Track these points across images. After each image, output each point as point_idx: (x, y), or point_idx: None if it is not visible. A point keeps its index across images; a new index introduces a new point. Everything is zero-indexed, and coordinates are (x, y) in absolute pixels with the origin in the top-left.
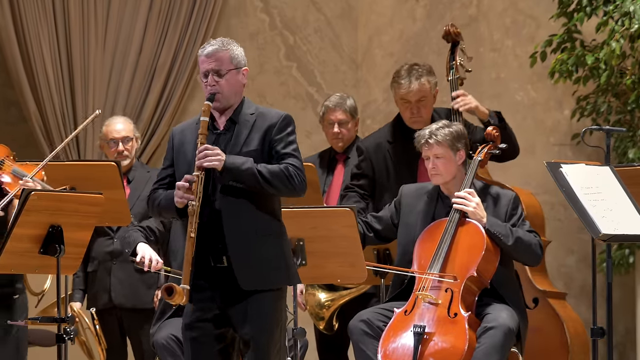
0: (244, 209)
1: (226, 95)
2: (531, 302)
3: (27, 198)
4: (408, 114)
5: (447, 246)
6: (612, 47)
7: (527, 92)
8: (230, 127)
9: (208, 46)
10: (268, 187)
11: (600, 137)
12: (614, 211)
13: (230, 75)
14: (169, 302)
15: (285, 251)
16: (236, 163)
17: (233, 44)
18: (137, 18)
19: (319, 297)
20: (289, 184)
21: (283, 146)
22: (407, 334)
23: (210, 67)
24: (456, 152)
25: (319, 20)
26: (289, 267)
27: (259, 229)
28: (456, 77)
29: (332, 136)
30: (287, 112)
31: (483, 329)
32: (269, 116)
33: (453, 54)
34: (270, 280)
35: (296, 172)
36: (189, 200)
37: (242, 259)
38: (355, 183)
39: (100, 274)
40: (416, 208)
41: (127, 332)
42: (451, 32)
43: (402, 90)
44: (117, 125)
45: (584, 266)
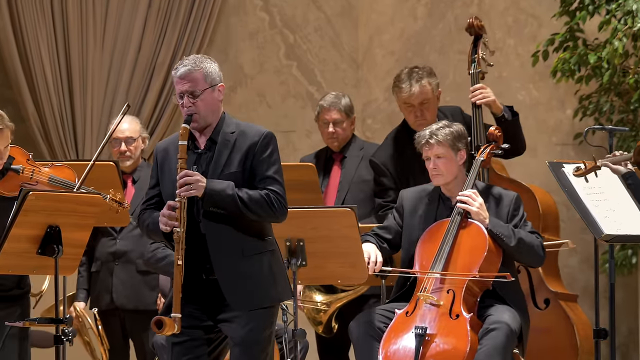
0: (229, 230)
1: (203, 115)
2: (542, 303)
3: (25, 198)
4: (412, 118)
5: (449, 247)
6: (614, 46)
7: (529, 91)
8: (210, 146)
9: (181, 67)
10: (248, 213)
11: (603, 136)
12: (617, 211)
13: (205, 95)
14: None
15: (274, 268)
16: (216, 189)
17: (206, 61)
18: (135, 16)
19: (315, 299)
20: (269, 211)
21: (265, 168)
22: (409, 335)
23: (185, 88)
24: (457, 152)
25: (319, 18)
26: (277, 284)
27: (245, 249)
28: (477, 71)
29: (328, 136)
30: (268, 130)
31: (485, 330)
32: (250, 135)
33: (475, 47)
34: (259, 299)
35: (277, 198)
36: (174, 227)
37: (229, 280)
38: (387, 200)
39: (102, 275)
40: (418, 211)
41: (129, 333)
42: (474, 25)
43: (404, 94)
44: (123, 124)
45: (586, 267)
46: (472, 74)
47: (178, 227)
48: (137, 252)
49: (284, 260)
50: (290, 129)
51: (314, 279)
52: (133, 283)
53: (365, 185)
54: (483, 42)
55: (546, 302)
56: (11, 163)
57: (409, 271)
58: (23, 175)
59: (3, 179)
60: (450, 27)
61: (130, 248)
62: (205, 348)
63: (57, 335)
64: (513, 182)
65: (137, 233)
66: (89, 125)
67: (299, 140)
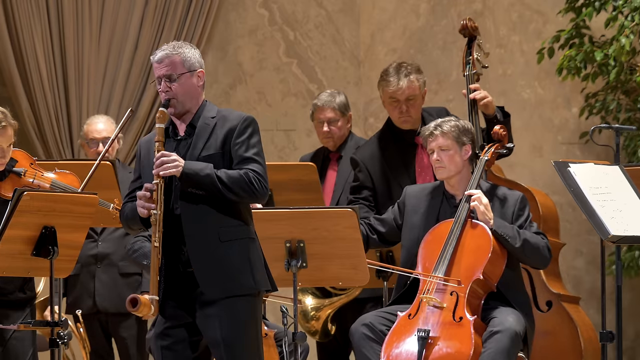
0: (205, 215)
1: (181, 100)
2: (544, 305)
3: (20, 198)
4: (397, 114)
5: (452, 248)
6: (621, 43)
7: (534, 89)
8: (190, 132)
9: (159, 52)
10: (228, 193)
11: (610, 135)
12: (624, 212)
13: (183, 79)
14: (135, 314)
15: (251, 256)
16: (194, 169)
17: (186, 46)
18: (132, 13)
19: (306, 304)
20: (249, 190)
21: (244, 150)
22: (411, 338)
23: (162, 72)
24: (462, 146)
25: (320, 15)
26: (255, 272)
27: (222, 235)
28: (473, 73)
29: (323, 135)
30: (249, 114)
31: (489, 333)
32: (230, 118)
33: (470, 49)
34: (235, 286)
35: (256, 177)
36: (150, 209)
37: (204, 266)
38: (358, 196)
39: (83, 278)
40: (420, 209)
41: (113, 336)
42: (468, 27)
43: (391, 88)
44: (98, 124)
45: (592, 268)
46: (467, 76)
47: (155, 209)
48: (119, 255)
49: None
50: (290, 128)
51: (315, 281)
52: (115, 286)
53: None
54: (477, 44)
55: (548, 304)
56: (14, 165)
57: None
58: (24, 179)
59: (4, 181)
60: (453, 23)
61: (112, 250)
62: (190, 353)
63: (52, 338)
64: (511, 183)
65: (119, 235)
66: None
67: (299, 139)
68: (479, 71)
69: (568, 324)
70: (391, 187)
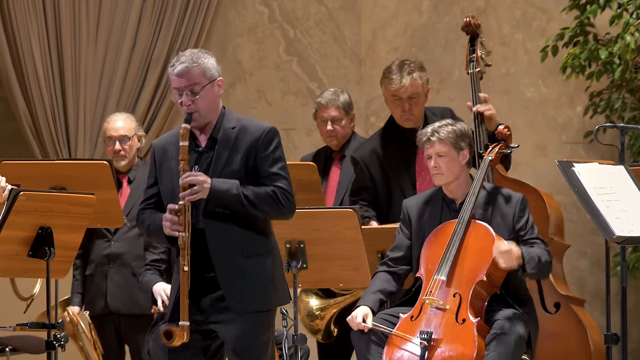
0: (229, 230)
1: (203, 114)
2: (552, 307)
3: (16, 198)
4: (399, 112)
5: (455, 249)
6: (626, 41)
7: (537, 88)
8: (211, 145)
9: (177, 64)
10: (255, 212)
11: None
12: (629, 212)
13: (205, 92)
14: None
15: (275, 271)
16: (222, 189)
17: (203, 56)
18: (130, 10)
19: (311, 305)
20: (277, 208)
21: (269, 165)
22: (414, 340)
23: (183, 85)
24: (459, 151)
25: (321, 12)
26: (276, 288)
27: (246, 251)
28: (477, 71)
29: (326, 134)
30: (270, 125)
31: (492, 335)
32: (251, 130)
33: (473, 47)
34: (258, 302)
35: (284, 195)
36: (179, 231)
37: (229, 279)
38: (357, 198)
39: (96, 278)
40: (424, 215)
41: (125, 338)
42: (471, 24)
43: (394, 85)
44: (117, 122)
45: (597, 270)
46: (471, 74)
47: (183, 231)
48: (132, 255)
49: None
50: (290, 127)
51: (315, 283)
52: (128, 286)
53: None
54: (480, 42)
55: (556, 306)
56: None
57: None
58: None
59: None
60: (456, 21)
61: (125, 250)
62: (202, 357)
63: (48, 340)
64: (518, 183)
65: (132, 235)
66: (81, 123)
67: (299, 139)
68: (483, 69)
69: (577, 326)
70: (390, 186)
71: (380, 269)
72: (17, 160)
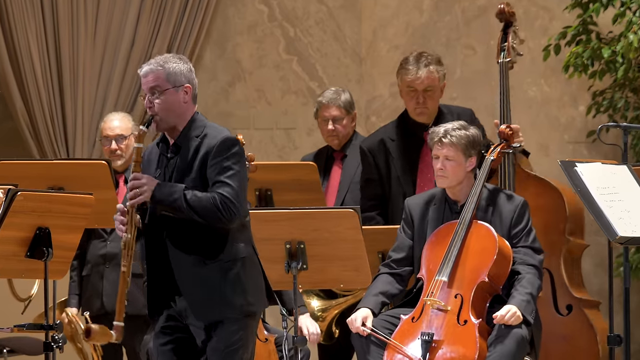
0: (189, 236)
1: (163, 117)
2: (564, 309)
3: (14, 198)
4: (413, 104)
5: (457, 250)
6: (629, 40)
7: (540, 87)
8: (176, 151)
9: (145, 65)
10: (195, 217)
11: (617, 134)
12: (632, 212)
13: (166, 96)
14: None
15: (244, 278)
16: (163, 193)
17: (172, 60)
18: (129, 8)
19: (312, 306)
20: (215, 216)
21: (216, 173)
22: (415, 342)
23: (145, 87)
24: (468, 157)
25: (321, 11)
26: (247, 293)
27: (208, 257)
28: (507, 61)
29: (327, 134)
30: (228, 135)
31: (494, 336)
32: (208, 139)
33: (505, 35)
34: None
35: (224, 202)
36: (122, 231)
37: (190, 288)
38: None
39: (93, 279)
40: (427, 215)
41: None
42: (505, 12)
43: (409, 76)
44: (113, 122)
45: (600, 270)
46: (500, 64)
47: (126, 232)
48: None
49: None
50: (290, 127)
51: (315, 283)
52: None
53: None
54: (513, 30)
55: (568, 308)
56: None
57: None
58: None
59: None
60: (457, 20)
61: (120, 250)
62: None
63: (46, 342)
64: (539, 180)
65: None
66: (79, 123)
67: (299, 138)
68: (514, 59)
69: (587, 330)
70: (391, 179)
71: (382, 270)
72: (14, 160)
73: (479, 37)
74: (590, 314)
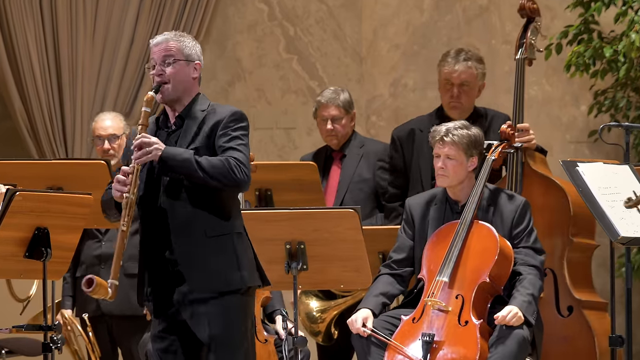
0: (190, 209)
1: (172, 86)
2: (565, 310)
3: (12, 198)
4: (447, 98)
5: (457, 250)
6: (631, 39)
7: (541, 86)
8: (179, 124)
9: (159, 36)
10: (207, 179)
11: (619, 134)
12: (634, 212)
13: (178, 66)
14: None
15: (239, 251)
16: (173, 153)
17: (188, 37)
18: (128, 7)
19: (311, 307)
20: (230, 176)
21: (227, 140)
22: (415, 342)
23: (158, 55)
24: (469, 157)
25: (321, 10)
26: (242, 268)
27: (208, 230)
28: (524, 58)
29: (326, 133)
30: (239, 109)
31: (495, 337)
32: (219, 112)
33: (525, 31)
34: (223, 283)
35: (238, 164)
36: (123, 192)
37: (191, 263)
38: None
39: None
40: (427, 215)
41: (117, 340)
42: (526, 8)
43: (446, 68)
44: (105, 121)
45: (602, 271)
46: (517, 60)
47: (127, 192)
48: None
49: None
50: (290, 126)
51: (315, 284)
52: (120, 287)
53: (365, 184)
54: (535, 26)
55: (569, 309)
56: None
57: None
58: None
59: None
60: (458, 19)
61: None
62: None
63: (45, 342)
64: (545, 179)
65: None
66: (78, 122)
67: (299, 138)
68: (530, 55)
69: (586, 331)
70: (412, 170)
71: (383, 271)
72: (13, 160)
73: (480, 36)
74: (591, 315)
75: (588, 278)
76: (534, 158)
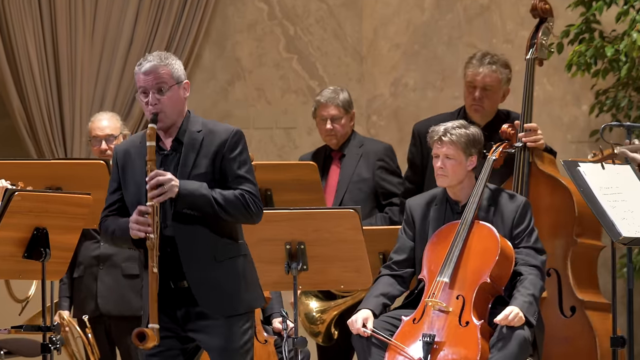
0: (199, 234)
1: (169, 114)
2: (568, 311)
3: (11, 198)
4: (470, 100)
5: (458, 250)
6: (633, 38)
7: (542, 86)
8: (177, 147)
9: (145, 62)
10: (223, 214)
11: (621, 133)
12: (635, 212)
13: (172, 92)
14: (141, 348)
15: (247, 273)
16: (190, 189)
17: (172, 57)
18: (127, 7)
19: (311, 307)
20: (245, 212)
21: (237, 167)
22: (416, 343)
23: (150, 84)
24: (468, 156)
25: (321, 9)
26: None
27: (218, 254)
28: (534, 58)
29: (325, 133)
30: (236, 127)
31: (496, 338)
32: (218, 133)
33: (537, 31)
34: (235, 305)
35: (252, 199)
36: (147, 232)
37: (202, 286)
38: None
39: (86, 280)
40: (428, 215)
41: (115, 341)
42: (538, 8)
43: (471, 70)
44: (102, 122)
45: (603, 271)
46: (528, 60)
47: (152, 232)
48: (122, 255)
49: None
50: (290, 126)
51: (316, 284)
52: (119, 288)
53: (365, 184)
54: (546, 27)
55: (572, 310)
56: None
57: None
58: None
59: None
60: (459, 18)
61: (115, 251)
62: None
63: (44, 343)
64: (551, 179)
65: None
66: (77, 122)
67: (299, 138)
68: (541, 55)
69: (587, 332)
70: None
71: (383, 272)
72: (11, 160)
73: (480, 35)
74: (593, 316)
75: (593, 279)
76: (542, 158)
